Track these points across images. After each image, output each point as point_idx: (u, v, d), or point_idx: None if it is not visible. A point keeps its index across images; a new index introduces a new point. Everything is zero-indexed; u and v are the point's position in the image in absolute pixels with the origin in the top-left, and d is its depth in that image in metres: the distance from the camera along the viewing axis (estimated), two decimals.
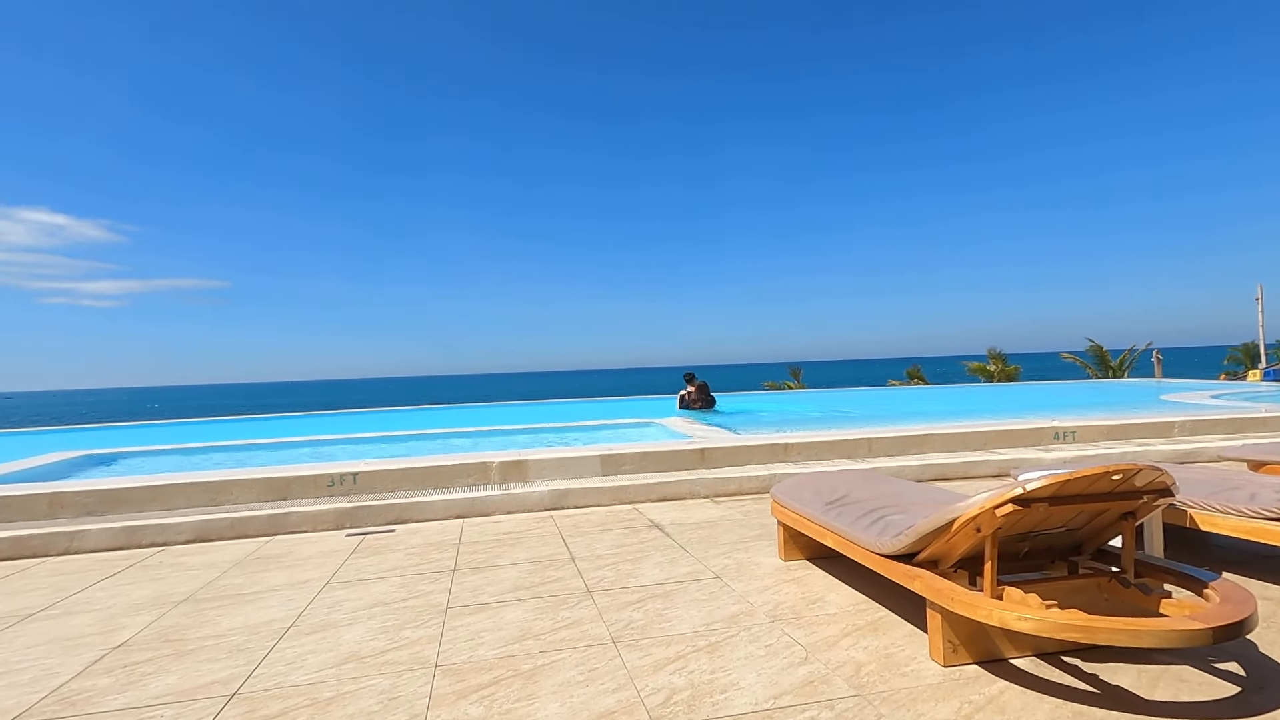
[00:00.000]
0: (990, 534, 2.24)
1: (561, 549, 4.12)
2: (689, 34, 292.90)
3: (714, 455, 6.05)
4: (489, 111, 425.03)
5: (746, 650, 2.55)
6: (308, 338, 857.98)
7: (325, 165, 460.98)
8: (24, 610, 3.38)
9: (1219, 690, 2.14)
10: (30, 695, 2.42)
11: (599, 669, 2.44)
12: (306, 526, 4.86)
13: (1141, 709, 2.04)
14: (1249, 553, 3.57)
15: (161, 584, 3.74)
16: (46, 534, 4.52)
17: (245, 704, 2.29)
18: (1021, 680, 2.24)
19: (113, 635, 2.98)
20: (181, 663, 2.65)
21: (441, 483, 5.49)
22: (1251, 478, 3.60)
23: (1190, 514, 3.32)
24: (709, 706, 2.14)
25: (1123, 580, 2.43)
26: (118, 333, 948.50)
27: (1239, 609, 2.03)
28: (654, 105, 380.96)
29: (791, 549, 3.68)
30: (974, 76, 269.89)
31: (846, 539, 2.94)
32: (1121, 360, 23.75)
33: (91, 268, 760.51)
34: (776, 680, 2.30)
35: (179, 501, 5.09)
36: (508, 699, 2.24)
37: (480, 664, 2.52)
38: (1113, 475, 2.19)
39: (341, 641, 2.79)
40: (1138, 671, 2.26)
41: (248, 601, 3.37)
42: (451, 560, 3.97)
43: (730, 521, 4.67)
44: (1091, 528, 2.53)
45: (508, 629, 2.85)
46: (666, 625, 2.83)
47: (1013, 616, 2.09)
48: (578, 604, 3.13)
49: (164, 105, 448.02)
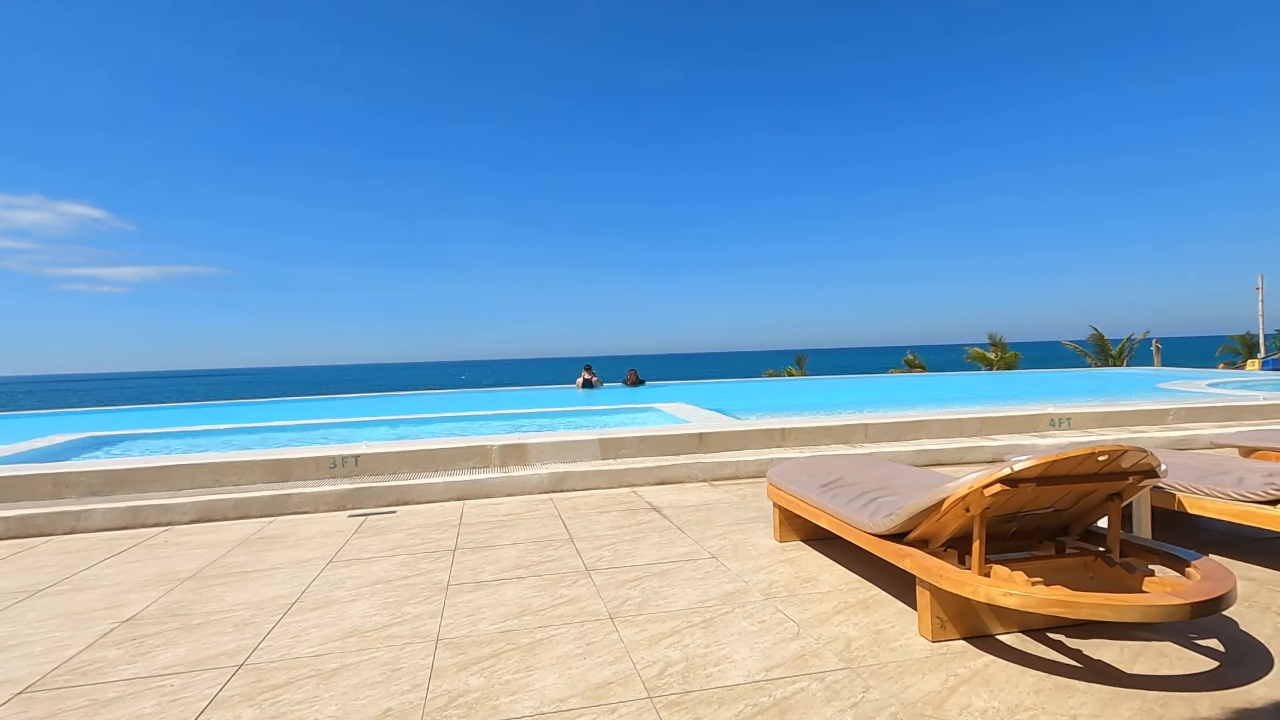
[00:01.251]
0: (979, 513, 2.29)
1: (560, 530, 4.19)
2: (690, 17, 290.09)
3: (712, 440, 6.11)
4: (494, 96, 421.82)
5: (740, 626, 2.61)
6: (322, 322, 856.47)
7: (330, 150, 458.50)
8: (33, 586, 3.45)
9: (1198, 665, 2.20)
10: (43, 665, 2.48)
11: (596, 643, 2.50)
12: (309, 507, 4.92)
13: (1122, 682, 2.10)
14: (1237, 535, 3.63)
15: (167, 562, 3.81)
16: (52, 513, 4.59)
17: (252, 674, 2.35)
18: (1006, 654, 2.30)
19: (121, 610, 3.05)
20: (189, 636, 2.72)
21: (442, 465, 5.55)
22: (1241, 463, 3.65)
23: (1179, 497, 3.37)
24: (703, 678, 2.20)
25: (1108, 559, 2.49)
26: (131, 318, 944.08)
27: (1218, 585, 2.09)
28: (658, 90, 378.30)
29: (787, 530, 3.74)
30: (979, 61, 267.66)
31: (840, 520, 3.00)
32: (1121, 349, 23.81)
33: (97, 254, 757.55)
34: (769, 654, 2.36)
35: (183, 482, 5.15)
36: (507, 670, 2.30)
37: (480, 638, 2.58)
38: (1099, 456, 2.24)
39: (345, 617, 2.86)
40: (1120, 647, 2.32)
41: (252, 579, 3.44)
42: (452, 540, 4.03)
43: (727, 504, 4.74)
44: (1079, 509, 2.58)
45: (507, 605, 2.92)
46: (663, 602, 2.89)
47: (999, 592, 2.15)
48: (576, 582, 3.20)
49: (162, 88, 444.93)
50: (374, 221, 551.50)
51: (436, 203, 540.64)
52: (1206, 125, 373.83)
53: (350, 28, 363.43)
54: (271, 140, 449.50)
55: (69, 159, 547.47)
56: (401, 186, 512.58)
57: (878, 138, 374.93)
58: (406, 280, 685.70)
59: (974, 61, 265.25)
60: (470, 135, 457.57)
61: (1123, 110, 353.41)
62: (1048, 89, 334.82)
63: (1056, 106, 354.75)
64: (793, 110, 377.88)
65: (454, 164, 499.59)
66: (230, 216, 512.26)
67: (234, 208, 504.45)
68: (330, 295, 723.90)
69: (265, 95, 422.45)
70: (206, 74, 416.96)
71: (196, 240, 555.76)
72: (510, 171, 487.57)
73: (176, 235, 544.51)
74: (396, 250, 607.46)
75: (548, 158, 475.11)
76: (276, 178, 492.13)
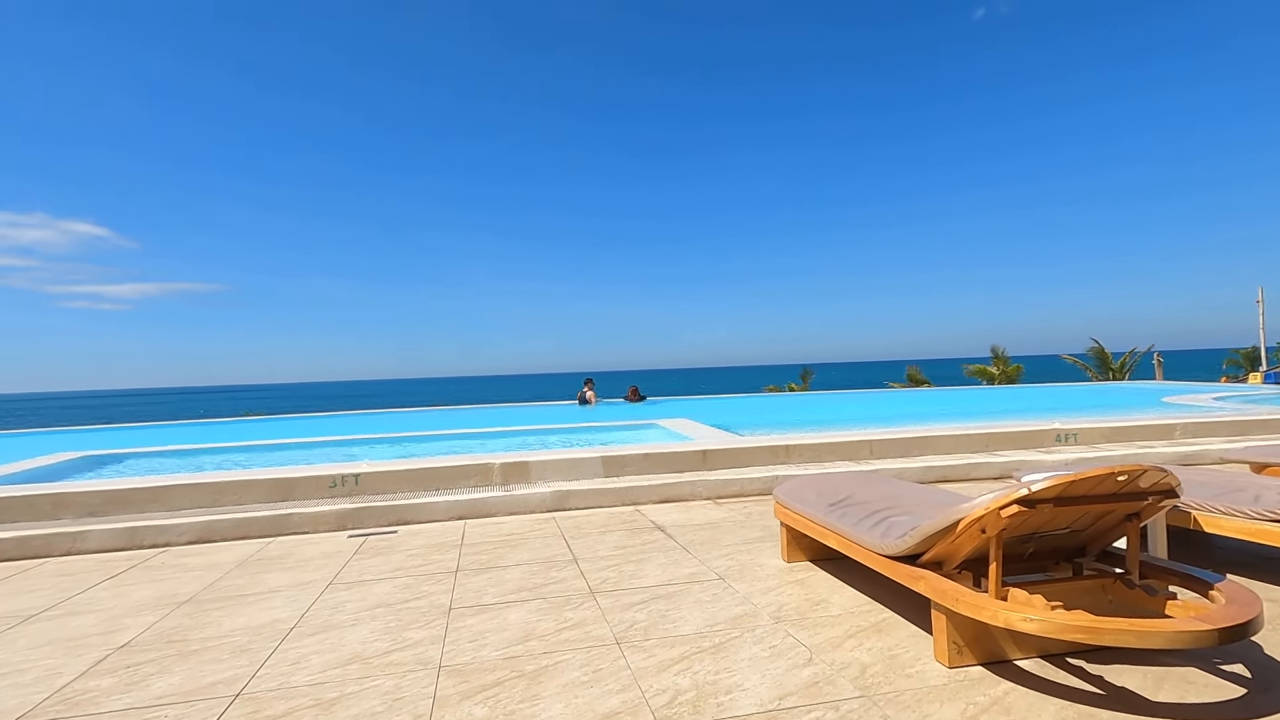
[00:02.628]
0: (995, 535, 2.23)
1: (564, 550, 4.12)
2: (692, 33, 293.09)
3: (716, 457, 6.05)
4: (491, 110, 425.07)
5: (751, 651, 2.54)
6: (322, 337, 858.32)
7: (331, 165, 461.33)
8: (27, 611, 3.38)
9: (1224, 692, 2.14)
10: (33, 695, 2.42)
11: (603, 670, 2.43)
12: (309, 527, 4.86)
13: (1147, 710, 2.04)
14: (1253, 554, 3.56)
15: (164, 585, 3.74)
16: (49, 534, 4.53)
17: (249, 704, 2.28)
18: (1027, 681, 2.23)
19: (115, 636, 2.98)
20: (185, 663, 2.65)
21: (443, 484, 5.49)
22: (1255, 479, 3.59)
23: (1194, 515, 3.31)
24: (714, 707, 2.13)
25: (1128, 581, 2.43)
26: (131, 335, 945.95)
27: (1245, 610, 2.03)
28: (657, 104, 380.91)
29: (794, 550, 3.68)
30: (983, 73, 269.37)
31: (850, 540, 2.94)
32: (1123, 362, 23.76)
33: (100, 271, 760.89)
34: (781, 681, 2.29)
35: (181, 502, 5.09)
36: (512, 700, 2.24)
37: (484, 665, 2.51)
38: (1118, 476, 2.19)
39: (345, 642, 2.79)
40: (1143, 673, 2.26)
41: (250, 602, 3.37)
42: (454, 561, 3.97)
43: (732, 523, 4.67)
44: (1096, 529, 2.52)
45: (511, 630, 2.85)
46: (670, 626, 2.82)
47: (1018, 618, 2.09)
48: (581, 605, 3.13)
49: (163, 103, 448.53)
50: (375, 236, 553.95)
51: (437, 218, 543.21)
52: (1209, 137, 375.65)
53: (354, 42, 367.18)
54: (273, 155, 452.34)
55: (72, 176, 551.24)
56: (404, 201, 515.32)
57: (880, 151, 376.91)
58: (406, 295, 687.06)
59: (978, 74, 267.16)
60: (473, 150, 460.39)
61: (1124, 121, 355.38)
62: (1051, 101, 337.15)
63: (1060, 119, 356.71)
64: (798, 124, 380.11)
65: (455, 179, 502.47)
66: (232, 232, 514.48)
67: (235, 223, 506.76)
68: (332, 310, 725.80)
69: (267, 110, 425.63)
70: (207, 89, 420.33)
71: (198, 257, 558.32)
72: (512, 186, 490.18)
73: (178, 252, 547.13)
74: (396, 265, 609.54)
75: (551, 172, 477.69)
76: (278, 193, 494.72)
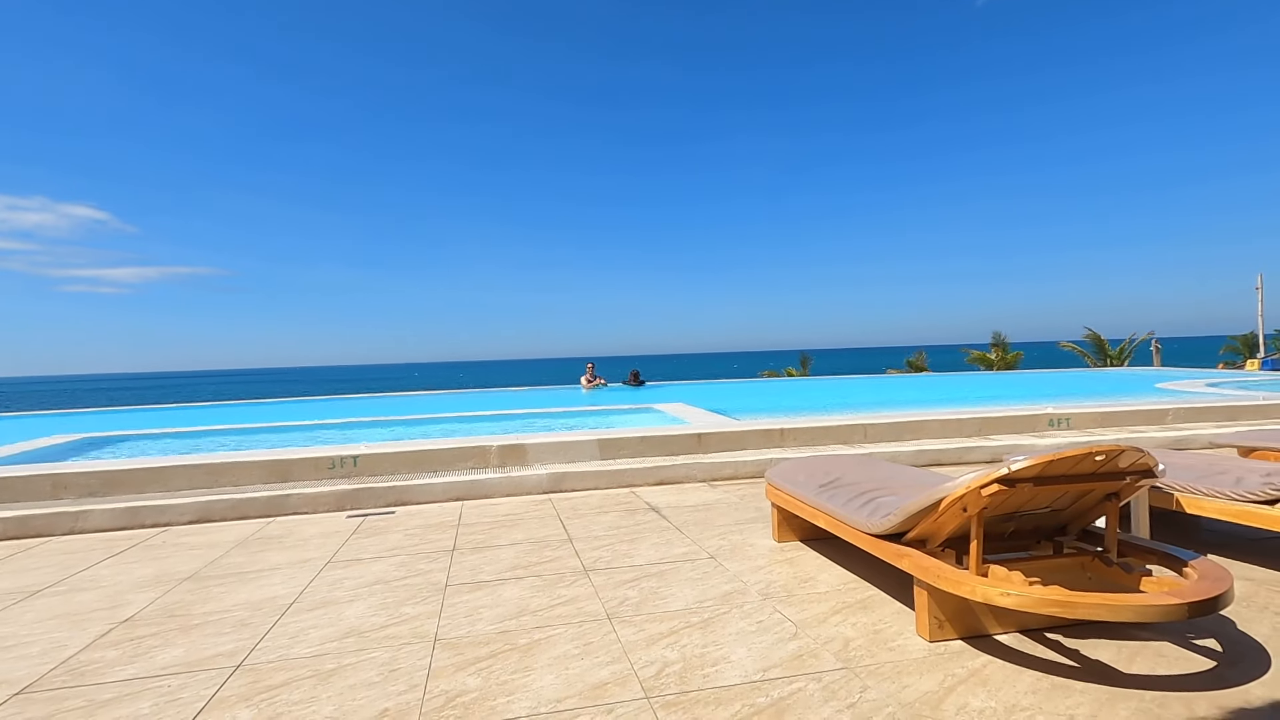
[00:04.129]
0: (976, 513, 2.29)
1: (559, 530, 4.19)
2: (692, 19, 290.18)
3: (711, 440, 6.11)
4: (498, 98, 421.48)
5: (738, 626, 2.61)
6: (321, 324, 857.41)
7: (330, 152, 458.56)
8: (31, 587, 3.45)
9: (1196, 665, 2.20)
10: (40, 666, 2.48)
11: (594, 643, 2.50)
12: (307, 508, 4.92)
13: (1120, 682, 2.10)
14: (1235, 535, 3.63)
15: (165, 563, 3.81)
16: (50, 514, 4.59)
17: (250, 674, 2.35)
18: (1004, 654, 2.30)
19: (118, 610, 3.05)
20: (187, 636, 2.71)
21: (441, 466, 5.55)
22: (1239, 462, 3.65)
23: (1177, 497, 3.37)
24: (700, 678, 2.20)
25: (1105, 559, 2.49)
26: (130, 319, 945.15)
27: (1215, 585, 2.09)
28: (662, 93, 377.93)
29: (785, 531, 3.74)
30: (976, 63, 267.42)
31: (838, 520, 3.00)
32: (1121, 349, 23.80)
33: (99, 255, 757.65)
34: (766, 654, 2.36)
35: (181, 483, 5.15)
36: (504, 671, 2.30)
37: (478, 638, 2.58)
38: (1096, 456, 2.24)
39: (343, 617, 2.86)
40: (1117, 647, 2.32)
41: (250, 580, 3.44)
42: (450, 541, 4.03)
43: (726, 505, 4.74)
44: (1076, 508, 2.58)
45: (505, 605, 2.92)
46: (661, 603, 2.89)
47: (996, 592, 2.15)
48: (574, 582, 3.20)
49: (163, 90, 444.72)
50: (374, 223, 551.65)
51: (437, 205, 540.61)
52: (1210, 125, 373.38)
53: (353, 31, 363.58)
54: (272, 142, 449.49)
55: (72, 161, 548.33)
56: (402, 189, 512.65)
57: (880, 138, 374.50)
58: (407, 281, 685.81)
59: (977, 63, 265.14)
60: (472, 137, 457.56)
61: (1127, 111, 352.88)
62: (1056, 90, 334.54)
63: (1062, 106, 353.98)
64: (798, 112, 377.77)
65: (454, 166, 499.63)
66: (231, 217, 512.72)
67: (234, 209, 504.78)
68: (330, 296, 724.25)
69: (266, 97, 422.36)
70: (207, 76, 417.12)
71: (197, 241, 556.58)
72: (512, 173, 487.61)
73: (178, 236, 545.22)
74: (397, 251, 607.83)
75: (550, 160, 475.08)
76: (277, 179, 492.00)
